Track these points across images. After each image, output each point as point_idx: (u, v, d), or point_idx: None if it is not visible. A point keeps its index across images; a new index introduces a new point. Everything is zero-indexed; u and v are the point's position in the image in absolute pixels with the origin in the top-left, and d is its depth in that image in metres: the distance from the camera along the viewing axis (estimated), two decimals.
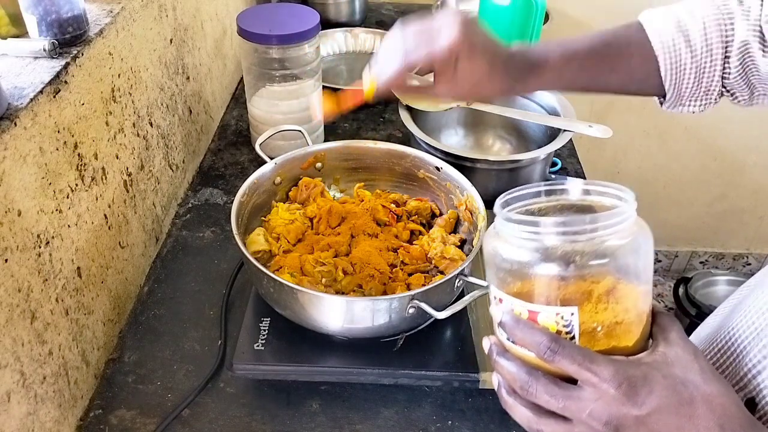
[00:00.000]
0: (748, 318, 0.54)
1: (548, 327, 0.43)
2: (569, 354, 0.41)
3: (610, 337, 0.43)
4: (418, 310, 0.62)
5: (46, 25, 0.62)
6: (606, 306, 0.42)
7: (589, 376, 0.41)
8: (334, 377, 0.70)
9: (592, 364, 0.41)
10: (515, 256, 0.43)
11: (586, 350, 0.42)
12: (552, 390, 0.42)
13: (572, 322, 0.42)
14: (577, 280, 0.42)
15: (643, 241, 0.43)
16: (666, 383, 0.41)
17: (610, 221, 0.42)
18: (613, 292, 0.42)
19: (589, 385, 0.41)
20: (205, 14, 1.05)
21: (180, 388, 0.70)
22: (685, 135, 1.81)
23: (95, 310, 0.70)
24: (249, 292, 0.75)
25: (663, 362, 0.42)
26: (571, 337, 0.43)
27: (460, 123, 1.07)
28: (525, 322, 0.43)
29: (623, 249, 0.42)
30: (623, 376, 0.40)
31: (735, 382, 0.53)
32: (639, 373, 0.41)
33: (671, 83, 0.66)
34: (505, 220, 0.44)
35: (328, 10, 1.40)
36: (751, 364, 0.52)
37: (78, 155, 0.65)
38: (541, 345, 0.42)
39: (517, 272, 0.44)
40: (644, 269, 0.44)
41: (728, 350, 0.56)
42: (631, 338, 0.44)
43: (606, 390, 0.40)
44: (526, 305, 0.43)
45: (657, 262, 2.17)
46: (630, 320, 0.43)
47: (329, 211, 0.78)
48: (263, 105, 0.99)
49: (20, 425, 0.56)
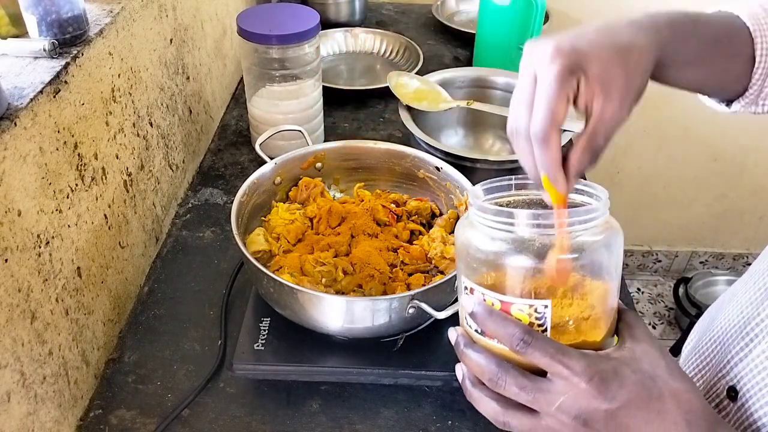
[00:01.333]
0: (736, 309, 0.55)
1: (521, 319, 0.43)
2: (542, 346, 0.41)
3: (579, 332, 0.43)
4: (418, 310, 0.62)
5: (46, 25, 0.62)
6: (571, 301, 0.42)
7: (560, 369, 0.40)
8: (334, 377, 0.70)
9: (564, 357, 0.41)
10: (489, 246, 0.43)
11: (558, 343, 0.41)
12: (522, 382, 0.42)
13: (545, 314, 0.42)
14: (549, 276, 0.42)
15: (614, 239, 0.44)
16: (636, 378, 0.41)
17: (585, 217, 0.42)
18: (580, 288, 0.42)
19: (560, 378, 0.41)
20: (205, 14, 1.05)
21: (180, 388, 0.70)
22: (685, 135, 1.81)
23: (95, 310, 0.70)
24: (249, 292, 0.75)
25: (631, 358, 0.42)
26: (543, 330, 0.42)
27: (460, 123, 1.07)
28: (498, 313, 0.43)
29: (596, 245, 0.43)
30: (594, 370, 0.40)
31: (717, 371, 0.54)
32: (609, 368, 0.41)
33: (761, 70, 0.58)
34: (479, 210, 0.44)
35: (328, 10, 1.40)
36: (734, 352, 0.53)
37: (78, 155, 0.65)
38: (514, 337, 0.41)
39: (490, 263, 0.44)
40: (614, 267, 0.44)
41: (715, 341, 0.57)
42: (599, 333, 0.44)
43: (577, 383, 0.40)
44: (498, 296, 0.43)
45: (657, 262, 2.17)
46: (598, 315, 0.44)
47: (329, 211, 0.78)
48: (263, 105, 0.99)
49: (20, 425, 0.56)
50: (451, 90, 1.00)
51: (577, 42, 0.45)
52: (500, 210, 0.43)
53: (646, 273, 2.20)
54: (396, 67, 1.30)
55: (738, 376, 0.51)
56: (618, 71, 0.45)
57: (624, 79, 0.45)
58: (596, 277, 0.43)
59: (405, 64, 1.30)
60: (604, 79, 0.44)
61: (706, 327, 0.62)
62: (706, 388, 0.56)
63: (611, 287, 0.44)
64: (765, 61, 0.57)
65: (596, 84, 0.44)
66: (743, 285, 0.57)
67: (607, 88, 0.44)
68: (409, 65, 1.28)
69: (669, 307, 2.10)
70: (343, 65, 1.33)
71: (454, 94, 0.99)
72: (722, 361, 0.54)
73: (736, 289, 0.59)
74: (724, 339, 0.55)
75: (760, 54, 0.56)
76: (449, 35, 1.44)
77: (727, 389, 0.52)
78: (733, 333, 0.54)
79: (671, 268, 2.18)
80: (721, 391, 0.53)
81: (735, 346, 0.53)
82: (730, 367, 0.53)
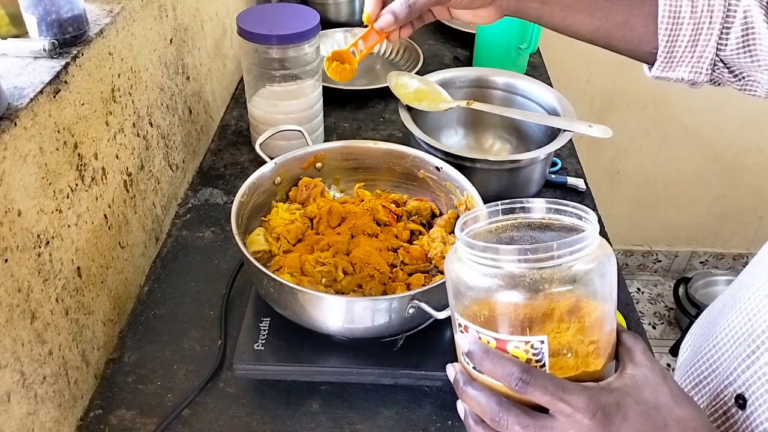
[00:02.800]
0: (741, 315, 0.54)
1: (518, 356, 0.42)
2: (542, 384, 0.40)
3: (578, 363, 0.42)
4: (418, 310, 0.62)
5: (46, 25, 0.62)
6: (568, 326, 0.41)
7: (562, 407, 0.40)
8: (334, 377, 0.70)
9: (565, 393, 0.40)
10: (480, 283, 0.42)
11: (557, 379, 0.41)
12: (524, 421, 0.41)
13: (542, 350, 0.41)
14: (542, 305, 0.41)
15: (608, 263, 0.43)
16: (639, 409, 0.40)
17: (576, 246, 0.40)
18: (577, 312, 0.41)
19: (563, 415, 0.40)
20: (205, 14, 1.05)
21: (180, 388, 0.70)
22: (685, 135, 1.81)
23: (95, 310, 0.70)
24: (249, 292, 0.75)
25: (633, 386, 0.41)
26: (541, 365, 0.42)
27: (460, 123, 1.07)
28: (494, 352, 0.42)
29: (590, 273, 0.41)
30: (597, 405, 0.40)
31: (724, 378, 0.54)
32: (612, 401, 0.40)
33: (666, 34, 0.59)
34: (467, 245, 0.43)
35: (328, 10, 1.40)
36: (741, 359, 0.52)
37: (78, 155, 0.65)
38: (513, 376, 0.40)
39: (482, 300, 0.42)
40: (610, 291, 0.43)
41: (721, 347, 0.56)
42: (599, 362, 0.43)
43: (580, 420, 0.39)
44: (493, 334, 0.42)
45: (657, 262, 2.17)
46: (598, 341, 0.43)
47: (329, 211, 0.78)
48: (263, 105, 0.99)
49: (20, 425, 0.56)
50: (451, 90, 1.00)
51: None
52: (487, 246, 0.41)
53: (646, 273, 2.20)
54: (396, 67, 1.30)
55: (746, 384, 0.51)
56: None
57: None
58: (592, 302, 0.42)
59: (405, 64, 1.30)
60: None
61: (707, 332, 0.61)
62: (712, 395, 0.55)
63: (608, 311, 0.43)
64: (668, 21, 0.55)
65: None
66: (747, 290, 0.56)
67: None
68: (409, 65, 1.28)
69: (669, 307, 2.10)
70: None
71: (454, 94, 0.99)
72: (729, 368, 0.53)
73: (738, 293, 0.59)
74: (730, 345, 0.54)
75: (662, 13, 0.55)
76: (449, 35, 1.44)
77: (736, 397, 0.52)
78: (739, 339, 0.53)
79: (671, 268, 2.18)
80: (728, 399, 0.53)
81: (742, 353, 0.52)
82: (738, 374, 0.52)
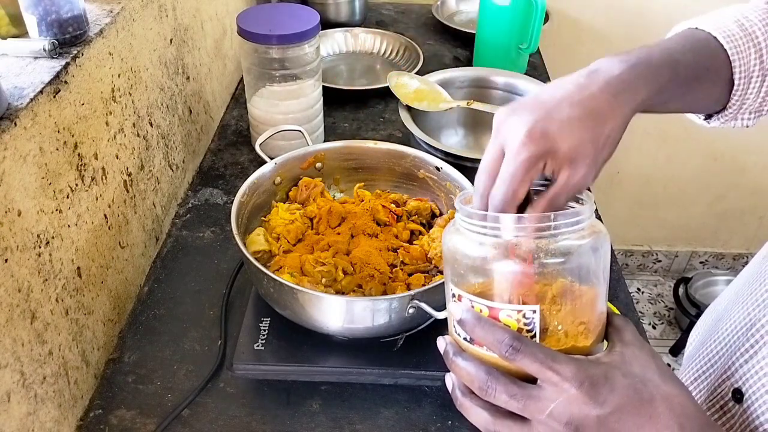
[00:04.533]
0: (741, 311, 0.55)
1: (509, 325, 0.42)
2: (531, 352, 0.41)
3: (568, 337, 0.43)
4: (418, 310, 0.62)
5: (46, 25, 0.62)
6: (560, 307, 0.42)
7: (550, 375, 0.40)
8: (334, 377, 0.70)
9: (554, 362, 0.40)
10: (476, 252, 0.43)
11: (547, 349, 0.41)
12: (512, 390, 0.41)
13: (534, 320, 0.42)
14: (536, 278, 0.42)
15: (602, 243, 0.43)
16: (626, 382, 0.41)
17: (572, 219, 0.42)
18: (569, 293, 0.42)
19: (550, 384, 0.40)
20: (205, 14, 1.05)
21: (180, 388, 0.70)
22: (685, 135, 1.81)
23: (95, 310, 0.70)
24: (249, 292, 0.75)
25: (622, 362, 0.42)
26: (532, 335, 0.42)
27: (460, 123, 1.07)
28: (486, 320, 0.42)
29: (583, 248, 0.42)
30: (584, 375, 0.40)
31: (722, 372, 0.54)
32: (599, 372, 0.41)
33: (740, 92, 0.58)
34: (465, 216, 0.44)
35: (328, 10, 1.40)
36: (739, 354, 0.52)
37: (78, 155, 0.65)
38: (503, 343, 0.41)
39: (477, 269, 0.43)
40: (602, 271, 0.44)
41: (720, 342, 0.57)
42: (588, 338, 0.43)
43: (567, 389, 0.40)
44: (486, 302, 0.43)
45: (657, 262, 2.17)
46: (588, 320, 0.43)
47: (329, 211, 0.78)
48: (263, 105, 0.99)
49: (20, 425, 0.56)
50: (451, 90, 1.00)
51: (549, 126, 0.45)
52: (485, 215, 0.42)
53: (646, 273, 2.20)
54: (396, 67, 1.30)
55: (743, 378, 0.51)
56: (587, 147, 0.46)
57: (593, 153, 0.46)
58: (584, 281, 0.43)
59: (405, 64, 1.30)
60: (573, 155, 0.45)
61: (711, 328, 0.62)
62: (711, 389, 0.56)
63: (599, 292, 0.44)
64: (743, 84, 0.57)
65: (564, 159, 0.46)
66: (748, 286, 0.56)
67: (575, 162, 0.46)
68: (409, 65, 1.28)
69: (669, 307, 2.10)
70: (343, 65, 1.33)
71: (454, 94, 0.99)
72: (727, 362, 0.54)
73: (740, 290, 0.59)
74: (730, 341, 0.55)
75: (739, 78, 0.56)
76: (449, 35, 1.44)
77: (733, 391, 0.52)
78: (738, 335, 0.54)
79: (671, 268, 2.18)
80: (726, 393, 0.53)
81: (740, 348, 0.52)
82: (735, 368, 0.52)
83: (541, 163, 0.45)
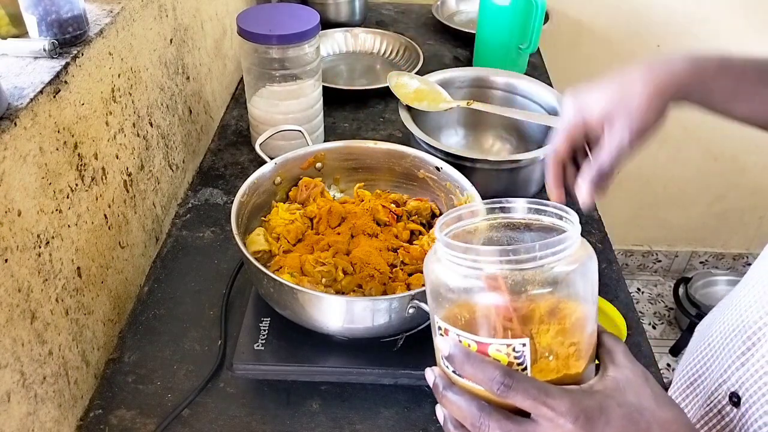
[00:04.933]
0: (735, 314, 0.55)
1: (499, 359, 0.41)
2: (524, 389, 0.39)
3: (559, 366, 0.42)
4: (418, 310, 0.62)
5: (46, 25, 0.62)
6: (548, 327, 0.41)
7: (545, 411, 0.39)
8: (334, 377, 0.70)
9: (547, 397, 0.39)
10: (459, 284, 0.41)
11: (540, 383, 0.40)
12: (506, 426, 0.40)
13: (524, 353, 0.40)
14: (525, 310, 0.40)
15: (589, 264, 0.42)
16: (622, 412, 0.40)
17: (558, 247, 0.40)
18: (557, 313, 0.41)
19: (545, 419, 0.39)
20: (205, 14, 1.05)
21: (180, 388, 0.70)
22: (685, 135, 1.81)
23: (95, 310, 0.70)
24: (249, 292, 0.75)
25: (615, 388, 0.41)
26: (522, 368, 0.41)
27: (460, 123, 1.07)
28: (475, 356, 0.41)
29: (572, 275, 0.41)
30: (579, 409, 0.39)
31: (719, 376, 0.54)
32: (594, 404, 0.40)
33: None
34: (446, 246, 0.42)
35: (328, 10, 1.40)
36: (735, 356, 0.52)
37: (78, 155, 0.65)
38: (494, 380, 0.40)
39: (462, 302, 0.41)
40: (591, 292, 0.43)
41: (715, 345, 0.56)
42: (580, 364, 0.42)
43: (563, 425, 0.39)
44: (474, 337, 0.41)
45: (657, 262, 2.17)
46: (578, 341, 0.42)
47: (329, 211, 0.78)
48: (263, 105, 0.99)
49: (20, 425, 0.56)
50: (451, 90, 1.00)
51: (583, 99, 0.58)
52: (468, 248, 0.40)
53: (646, 273, 2.20)
54: (396, 67, 1.30)
55: (740, 381, 0.51)
56: (617, 108, 0.55)
57: (624, 113, 0.55)
58: (573, 300, 0.41)
59: (405, 64, 1.30)
60: (605, 116, 0.56)
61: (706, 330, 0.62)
62: (707, 394, 0.55)
63: (589, 311, 0.42)
64: None
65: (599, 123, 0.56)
66: (742, 288, 0.56)
67: (609, 122, 0.56)
68: (409, 65, 1.28)
69: (669, 307, 2.09)
70: (343, 65, 1.33)
71: (454, 94, 0.99)
72: (723, 366, 0.53)
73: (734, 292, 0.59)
74: (724, 344, 0.55)
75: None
76: (449, 35, 1.44)
77: (730, 395, 0.52)
78: (733, 337, 0.53)
79: (671, 268, 2.18)
80: (723, 397, 0.53)
81: (736, 351, 0.52)
82: (731, 372, 0.52)
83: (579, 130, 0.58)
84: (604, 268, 0.87)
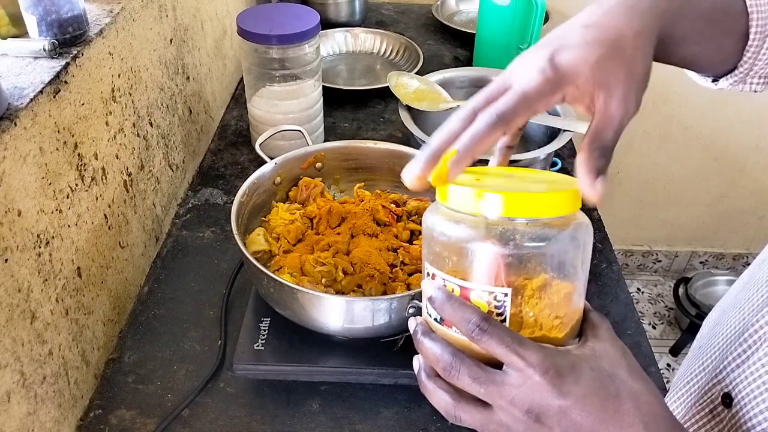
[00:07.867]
0: (737, 316, 0.54)
1: (480, 306, 0.41)
2: (498, 334, 0.39)
3: (540, 327, 0.42)
4: (418, 310, 0.62)
5: (46, 25, 0.62)
6: (537, 301, 0.41)
7: (515, 360, 0.39)
8: (334, 377, 0.70)
9: (520, 347, 0.39)
10: (453, 231, 0.42)
11: (515, 333, 0.40)
12: (475, 373, 0.40)
13: (505, 303, 0.41)
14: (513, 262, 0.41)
15: (583, 234, 0.42)
16: (593, 375, 0.40)
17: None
18: (547, 288, 0.41)
19: (515, 369, 0.39)
20: (205, 14, 1.05)
21: (180, 388, 0.70)
22: (685, 135, 1.81)
23: (95, 310, 0.70)
24: (249, 292, 0.75)
25: (591, 355, 0.41)
26: (502, 319, 0.41)
27: None
28: (456, 298, 0.41)
29: (562, 235, 0.41)
30: (550, 363, 0.39)
31: (713, 376, 0.54)
32: (566, 362, 0.40)
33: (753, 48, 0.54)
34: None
35: (328, 10, 1.40)
36: (731, 358, 0.52)
37: (78, 155, 0.65)
38: (471, 322, 0.40)
39: (452, 247, 0.42)
40: (582, 264, 0.43)
41: (714, 346, 0.56)
42: (560, 330, 0.42)
43: (531, 376, 0.39)
44: (458, 282, 0.42)
45: (657, 262, 2.17)
46: (564, 314, 0.42)
47: (329, 211, 0.78)
48: (263, 105, 0.99)
49: (20, 425, 0.56)
50: (451, 90, 1.00)
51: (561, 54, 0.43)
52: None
53: (646, 273, 2.20)
54: (396, 67, 1.30)
55: (734, 383, 0.51)
56: (614, 64, 0.42)
57: (624, 70, 0.43)
58: (563, 275, 0.42)
59: (405, 64, 1.30)
60: (600, 77, 0.42)
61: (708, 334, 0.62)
62: (700, 393, 0.55)
63: (578, 286, 0.43)
64: (759, 39, 0.54)
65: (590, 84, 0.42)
66: (746, 291, 0.56)
67: (605, 84, 0.42)
68: (409, 65, 1.28)
69: (669, 307, 2.10)
70: (343, 65, 1.33)
71: (454, 94, 0.99)
72: (719, 366, 0.53)
73: (739, 294, 0.59)
74: (723, 345, 0.55)
75: (755, 32, 0.53)
76: (449, 35, 1.44)
77: (722, 395, 0.52)
78: (731, 339, 0.53)
79: (671, 268, 2.18)
80: (715, 397, 0.53)
81: (732, 353, 0.52)
82: (726, 373, 0.52)
83: (557, 94, 0.42)
84: (604, 268, 0.87)
